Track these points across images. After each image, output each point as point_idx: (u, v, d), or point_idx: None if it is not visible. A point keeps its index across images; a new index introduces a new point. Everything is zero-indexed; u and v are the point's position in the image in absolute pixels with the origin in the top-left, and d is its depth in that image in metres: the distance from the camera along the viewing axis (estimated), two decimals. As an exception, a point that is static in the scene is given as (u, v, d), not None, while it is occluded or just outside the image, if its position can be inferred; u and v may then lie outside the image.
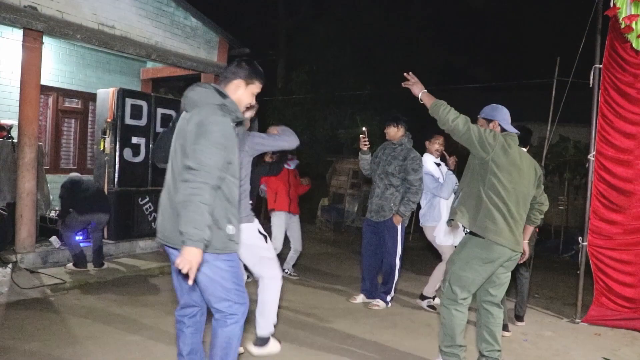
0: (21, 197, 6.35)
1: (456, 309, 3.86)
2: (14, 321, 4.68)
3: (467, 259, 3.81)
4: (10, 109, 7.93)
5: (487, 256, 3.75)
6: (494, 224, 3.71)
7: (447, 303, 3.88)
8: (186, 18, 8.99)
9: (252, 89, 3.18)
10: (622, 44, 5.47)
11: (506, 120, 3.99)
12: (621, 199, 5.64)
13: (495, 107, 4.06)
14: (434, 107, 3.77)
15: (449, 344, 3.91)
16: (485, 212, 3.73)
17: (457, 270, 3.84)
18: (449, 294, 3.88)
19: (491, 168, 3.74)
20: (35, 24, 6.25)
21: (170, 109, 8.19)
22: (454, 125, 3.71)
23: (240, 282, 3.07)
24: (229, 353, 3.03)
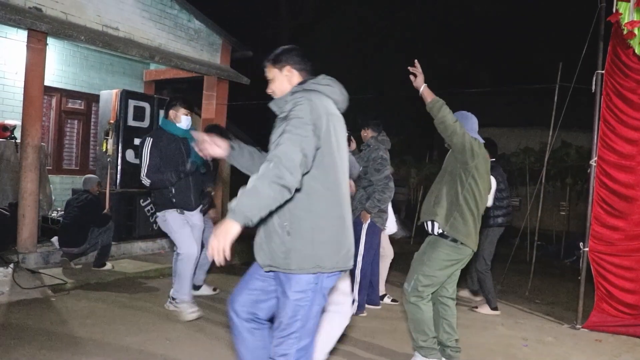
0: (23, 197, 6.37)
1: (424, 303, 4.02)
2: (15, 321, 4.68)
3: (438, 260, 3.99)
4: (14, 109, 7.96)
5: (456, 257, 3.99)
6: (465, 226, 3.93)
7: (415, 300, 4.02)
8: (189, 20, 9.01)
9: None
10: (625, 49, 5.47)
11: (474, 129, 4.10)
12: (623, 205, 5.63)
13: (465, 115, 4.14)
14: (434, 104, 3.81)
15: (424, 339, 4.04)
16: (460, 214, 3.93)
17: (428, 271, 3.99)
18: (415, 292, 4.02)
19: (472, 173, 3.92)
20: (39, 25, 6.28)
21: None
22: (453, 127, 3.80)
23: None
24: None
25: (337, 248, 2.57)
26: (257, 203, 2.31)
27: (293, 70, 2.76)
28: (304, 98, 2.53)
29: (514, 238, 7.81)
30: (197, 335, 4.66)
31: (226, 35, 9.59)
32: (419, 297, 4.01)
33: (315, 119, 2.49)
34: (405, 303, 4.14)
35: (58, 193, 8.64)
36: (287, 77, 2.76)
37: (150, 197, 5.31)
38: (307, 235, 2.52)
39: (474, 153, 3.87)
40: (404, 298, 4.17)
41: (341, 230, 2.60)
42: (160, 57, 8.11)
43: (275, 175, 2.32)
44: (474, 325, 5.44)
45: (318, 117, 2.50)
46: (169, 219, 5.00)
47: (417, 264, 4.08)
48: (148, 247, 7.87)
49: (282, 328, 2.55)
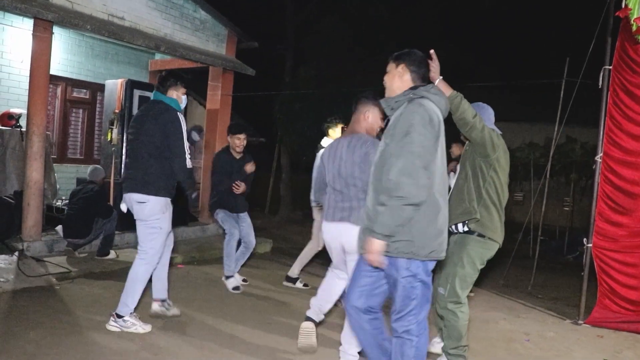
0: (28, 185, 6.39)
1: (461, 310, 3.90)
2: (20, 309, 4.71)
3: (470, 259, 3.89)
4: (19, 97, 7.98)
5: (487, 254, 3.94)
6: (491, 221, 3.89)
7: (452, 306, 3.90)
8: (195, 11, 8.99)
9: None
10: (633, 45, 5.44)
11: (491, 120, 4.05)
12: (627, 202, 5.62)
13: (482, 106, 4.09)
14: (453, 100, 3.67)
15: (454, 346, 3.93)
16: (484, 208, 3.86)
17: (461, 272, 3.89)
18: (452, 297, 3.90)
19: (494, 166, 3.86)
20: (45, 14, 6.27)
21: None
22: (473, 121, 3.72)
23: None
24: None
25: (432, 239, 2.88)
26: (389, 226, 2.76)
27: (406, 70, 3.06)
28: (419, 106, 2.85)
29: (517, 233, 7.81)
30: (201, 326, 4.69)
31: (232, 26, 9.57)
32: (457, 302, 3.90)
33: (430, 124, 2.81)
34: (440, 309, 4.01)
35: (63, 182, 8.66)
36: (398, 74, 3.08)
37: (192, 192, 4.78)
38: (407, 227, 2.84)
39: (494, 145, 3.83)
40: (437, 302, 4.01)
41: (438, 224, 2.90)
42: (165, 47, 8.10)
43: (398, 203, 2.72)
44: (475, 320, 5.44)
45: (431, 121, 2.82)
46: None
47: (449, 267, 3.95)
48: (152, 237, 7.86)
49: (399, 308, 2.94)
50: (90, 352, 3.89)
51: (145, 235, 4.46)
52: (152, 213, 4.39)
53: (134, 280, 4.41)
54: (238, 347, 4.26)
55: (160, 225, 4.44)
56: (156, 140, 4.33)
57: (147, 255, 4.44)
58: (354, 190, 3.78)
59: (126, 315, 4.37)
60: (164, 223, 4.46)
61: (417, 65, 3.06)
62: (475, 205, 3.87)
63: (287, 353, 4.23)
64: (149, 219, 4.41)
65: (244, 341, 4.40)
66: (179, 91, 4.60)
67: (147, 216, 4.41)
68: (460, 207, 3.94)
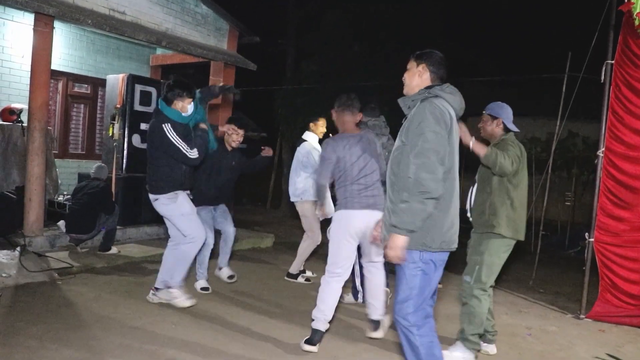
0: (30, 181, 6.39)
1: (484, 297, 4.15)
2: (22, 304, 4.72)
3: (495, 248, 4.16)
4: (20, 93, 7.97)
5: (509, 248, 4.23)
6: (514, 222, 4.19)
7: (478, 293, 4.14)
8: (197, 5, 8.97)
9: None
10: (635, 40, 5.42)
11: (510, 119, 4.27)
12: (629, 196, 5.61)
13: (501, 105, 4.31)
14: (489, 158, 3.98)
15: (474, 332, 4.14)
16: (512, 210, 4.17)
17: (488, 260, 4.14)
18: (479, 284, 4.14)
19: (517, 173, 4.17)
20: (46, 9, 6.26)
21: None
22: (511, 169, 4.02)
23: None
24: None
25: (443, 232, 2.96)
26: (413, 222, 2.84)
27: (426, 70, 3.13)
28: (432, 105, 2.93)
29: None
30: (202, 319, 4.70)
31: (233, 21, 9.55)
32: (483, 289, 4.14)
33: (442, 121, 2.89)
34: (466, 296, 4.20)
35: (64, 177, 8.66)
36: (418, 73, 3.15)
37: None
38: None
39: (521, 161, 4.13)
40: (463, 291, 4.23)
41: (446, 215, 2.98)
42: (167, 42, 8.09)
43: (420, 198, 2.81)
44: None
45: (443, 118, 2.91)
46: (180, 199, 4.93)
47: (475, 255, 4.22)
48: (154, 232, 7.89)
49: (400, 297, 3.01)
50: (92, 347, 3.90)
51: (179, 225, 4.93)
52: (165, 207, 4.88)
53: (177, 257, 4.95)
54: (239, 343, 4.27)
55: (180, 212, 4.87)
56: (152, 148, 4.87)
57: (190, 237, 4.90)
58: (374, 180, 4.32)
59: (174, 287, 4.94)
60: (181, 209, 4.87)
61: (436, 66, 3.13)
62: (498, 221, 4.12)
63: (288, 348, 4.24)
64: (166, 212, 4.93)
65: (246, 337, 4.42)
66: (185, 101, 4.81)
67: (163, 211, 4.94)
68: (481, 219, 4.23)
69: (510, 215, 4.15)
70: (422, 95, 3.03)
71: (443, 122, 2.90)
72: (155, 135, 4.77)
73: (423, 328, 2.98)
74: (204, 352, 4.02)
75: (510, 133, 4.27)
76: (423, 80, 3.13)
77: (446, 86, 3.09)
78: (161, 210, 4.94)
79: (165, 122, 4.72)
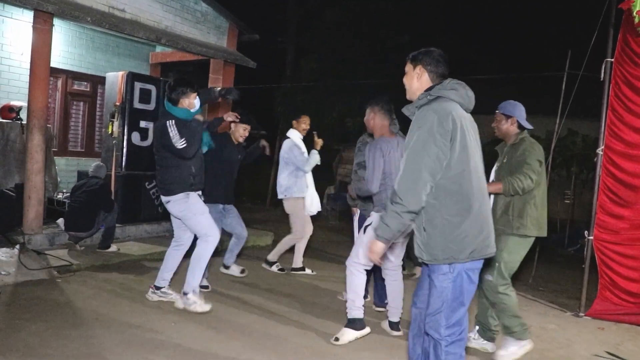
0: (29, 178, 6.38)
1: (510, 289, 4.23)
2: (21, 302, 4.72)
3: (514, 245, 4.23)
4: (19, 90, 7.96)
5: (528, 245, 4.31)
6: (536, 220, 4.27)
7: (503, 289, 4.20)
8: (196, 3, 8.96)
9: None
10: (635, 37, 5.41)
11: (523, 116, 4.33)
12: (629, 194, 5.61)
13: (514, 103, 4.36)
14: (508, 189, 4.11)
15: (517, 322, 4.21)
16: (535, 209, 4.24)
17: (507, 257, 4.20)
18: (502, 280, 4.20)
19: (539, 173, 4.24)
20: (45, 6, 6.25)
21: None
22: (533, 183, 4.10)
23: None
24: None
25: (469, 239, 2.80)
26: (391, 231, 2.79)
27: (424, 71, 3.00)
28: (429, 110, 2.80)
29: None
30: (202, 317, 4.70)
31: (233, 19, 9.54)
32: (506, 283, 4.20)
33: (439, 127, 2.73)
34: (491, 294, 4.24)
35: (63, 175, 8.66)
36: (417, 75, 3.02)
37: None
38: (437, 231, 2.81)
39: (541, 163, 4.21)
40: (486, 290, 4.26)
41: (473, 223, 2.80)
42: (166, 39, 8.08)
43: (398, 210, 2.74)
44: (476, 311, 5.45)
45: (441, 123, 2.74)
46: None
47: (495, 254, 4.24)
48: (153, 230, 7.89)
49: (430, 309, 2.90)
50: (92, 345, 3.90)
51: (191, 225, 4.89)
52: (177, 207, 4.83)
53: (194, 260, 4.87)
54: (238, 342, 4.27)
55: (192, 212, 4.81)
56: (159, 149, 4.82)
57: (205, 236, 4.84)
58: None
59: (189, 293, 4.81)
60: (193, 209, 4.81)
61: (434, 64, 2.99)
62: (523, 222, 4.18)
63: (288, 346, 4.25)
64: (178, 213, 4.87)
65: (246, 335, 4.42)
66: (190, 97, 4.78)
67: (176, 212, 4.88)
68: (503, 218, 4.25)
69: (533, 214, 4.20)
70: (422, 101, 2.89)
71: (442, 129, 2.72)
72: (160, 134, 4.73)
73: (452, 345, 2.84)
74: (203, 350, 4.02)
75: (525, 132, 4.34)
76: (423, 82, 3.00)
77: (447, 83, 2.93)
78: (174, 211, 4.88)
79: (169, 118, 4.69)
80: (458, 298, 2.84)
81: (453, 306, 2.83)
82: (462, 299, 2.85)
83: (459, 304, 2.85)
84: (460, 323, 2.86)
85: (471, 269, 2.85)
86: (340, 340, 4.34)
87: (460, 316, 2.86)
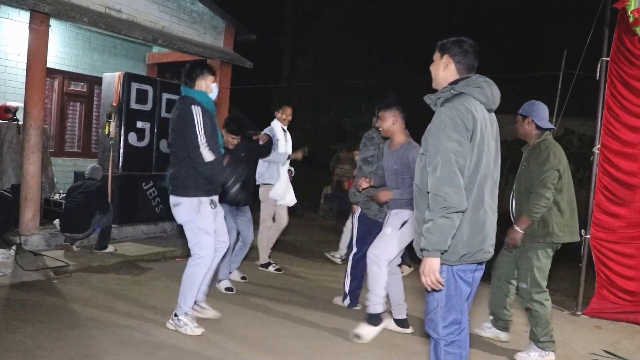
0: (26, 179, 6.38)
1: (546, 298, 4.23)
2: (17, 303, 4.71)
3: (542, 250, 4.27)
4: (16, 91, 7.94)
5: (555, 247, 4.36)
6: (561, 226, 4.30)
7: (538, 296, 4.23)
8: (193, 3, 8.96)
9: None
10: (630, 37, 5.43)
11: (541, 116, 4.26)
12: (625, 193, 5.63)
13: (531, 103, 4.36)
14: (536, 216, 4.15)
15: (544, 333, 4.22)
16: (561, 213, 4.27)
17: (538, 263, 4.23)
18: (537, 288, 4.21)
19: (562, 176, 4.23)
20: (42, 7, 6.24)
21: (175, 94, 8.17)
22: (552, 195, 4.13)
23: None
24: None
25: (462, 244, 2.74)
26: (444, 239, 2.62)
27: (451, 61, 2.89)
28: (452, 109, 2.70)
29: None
30: (198, 318, 4.69)
31: (230, 19, 9.54)
32: (542, 291, 4.21)
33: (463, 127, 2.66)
34: (527, 302, 4.26)
35: (60, 175, 8.65)
36: (443, 65, 2.91)
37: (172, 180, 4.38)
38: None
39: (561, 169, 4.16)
40: (521, 297, 4.34)
41: (469, 228, 2.74)
42: (163, 40, 8.07)
43: (446, 214, 2.60)
44: (474, 311, 5.46)
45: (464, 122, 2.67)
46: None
47: (525, 261, 4.30)
48: (150, 230, 7.89)
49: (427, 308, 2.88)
50: (88, 346, 3.90)
51: (190, 237, 4.35)
52: (186, 215, 4.29)
53: (185, 282, 4.31)
54: (235, 342, 4.27)
55: (198, 225, 4.26)
56: (178, 139, 4.24)
57: (197, 256, 4.30)
58: None
59: (180, 315, 4.31)
60: (202, 223, 4.27)
61: (463, 55, 2.87)
62: (549, 230, 4.20)
63: (285, 346, 4.25)
64: (185, 221, 4.32)
65: (244, 336, 4.42)
66: (208, 79, 4.37)
67: (182, 218, 4.33)
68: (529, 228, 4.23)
69: (559, 221, 4.20)
70: (446, 94, 2.80)
71: (464, 128, 2.66)
72: (181, 120, 4.21)
73: (451, 345, 2.81)
74: (200, 351, 4.01)
75: (546, 133, 4.29)
76: (449, 73, 2.89)
77: (474, 79, 2.83)
78: (180, 216, 4.34)
79: (194, 103, 4.22)
80: (452, 298, 2.80)
81: (448, 306, 2.80)
82: (456, 299, 2.81)
83: (454, 303, 2.81)
84: (458, 322, 2.83)
85: (463, 270, 2.80)
86: (362, 339, 4.40)
87: (457, 316, 2.82)
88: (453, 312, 2.82)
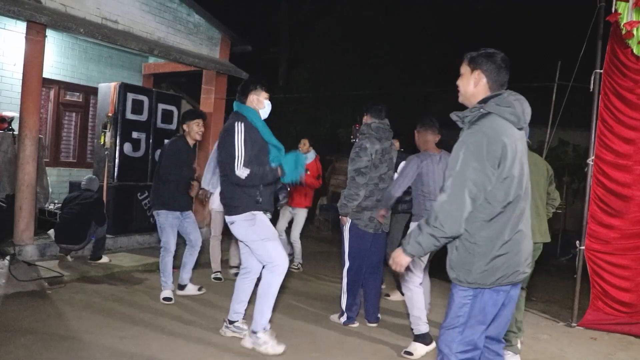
0: (21, 189, 6.36)
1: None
2: (11, 313, 4.68)
3: None
4: (11, 101, 7.94)
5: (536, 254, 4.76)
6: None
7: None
8: (189, 14, 9.00)
9: None
10: (623, 49, 5.48)
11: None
12: (619, 204, 5.64)
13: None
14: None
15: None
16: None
17: None
18: None
19: None
20: (38, 17, 6.26)
21: (171, 105, 8.20)
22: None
23: None
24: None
25: (497, 267, 2.62)
26: (422, 250, 2.67)
27: (482, 76, 2.73)
28: (479, 132, 2.58)
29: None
30: (192, 330, 4.67)
31: (225, 30, 9.58)
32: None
33: (488, 153, 2.53)
34: None
35: (55, 185, 8.63)
36: (474, 80, 2.75)
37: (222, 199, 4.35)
38: (465, 255, 2.67)
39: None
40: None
41: (504, 251, 2.62)
42: (159, 50, 8.10)
43: (436, 234, 2.58)
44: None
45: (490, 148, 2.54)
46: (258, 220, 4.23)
47: None
48: (145, 241, 7.87)
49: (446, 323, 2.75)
50: (81, 358, 3.88)
51: (257, 253, 4.27)
52: (242, 231, 4.24)
53: (260, 293, 4.25)
54: (230, 353, 4.25)
55: (259, 236, 4.19)
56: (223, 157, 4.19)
57: (271, 265, 4.21)
58: None
59: (259, 332, 4.24)
60: (259, 234, 4.19)
61: (495, 72, 2.71)
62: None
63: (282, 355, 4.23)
64: (243, 237, 4.29)
65: (234, 348, 4.40)
66: (260, 95, 4.33)
67: (240, 236, 4.30)
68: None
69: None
70: (474, 114, 2.65)
71: (488, 156, 2.53)
72: (224, 136, 4.18)
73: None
74: (200, 357, 4.00)
75: None
76: (479, 89, 2.73)
77: (505, 97, 2.67)
78: (238, 234, 4.29)
79: (238, 120, 4.15)
80: (477, 316, 2.69)
81: (470, 323, 2.69)
82: (481, 318, 2.70)
83: (477, 322, 2.70)
84: (474, 343, 2.71)
85: (496, 291, 2.67)
86: (414, 355, 4.43)
87: (476, 335, 2.70)
88: (474, 331, 2.70)
